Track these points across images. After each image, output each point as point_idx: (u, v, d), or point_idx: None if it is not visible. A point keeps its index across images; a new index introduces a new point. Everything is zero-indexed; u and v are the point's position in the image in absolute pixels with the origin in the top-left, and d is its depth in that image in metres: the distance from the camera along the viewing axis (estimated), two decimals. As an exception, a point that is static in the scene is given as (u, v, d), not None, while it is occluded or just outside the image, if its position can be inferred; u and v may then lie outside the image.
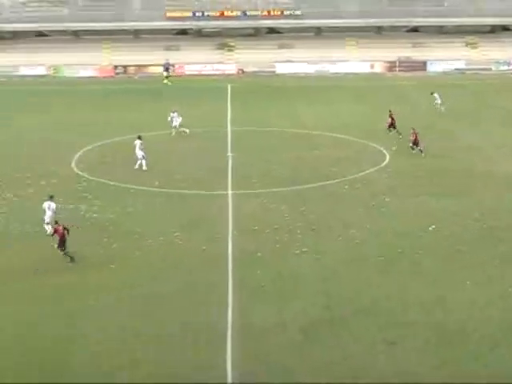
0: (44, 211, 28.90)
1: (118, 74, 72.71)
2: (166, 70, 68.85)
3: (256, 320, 22.02)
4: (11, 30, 75.77)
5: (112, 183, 35.93)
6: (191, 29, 75.26)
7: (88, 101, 59.03)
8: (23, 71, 72.24)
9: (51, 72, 72.13)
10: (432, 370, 19.09)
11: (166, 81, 66.65)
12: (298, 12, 72.64)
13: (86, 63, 72.16)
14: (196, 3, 75.05)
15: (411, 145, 40.27)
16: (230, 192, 34.30)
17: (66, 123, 49.82)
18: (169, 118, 45.54)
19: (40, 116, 52.96)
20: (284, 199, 33.07)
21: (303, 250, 27.15)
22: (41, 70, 72.21)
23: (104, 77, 71.17)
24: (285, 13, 72.78)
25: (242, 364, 19.66)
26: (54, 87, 65.95)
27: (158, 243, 28.05)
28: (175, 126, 45.22)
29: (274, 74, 70.26)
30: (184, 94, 60.27)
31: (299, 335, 21.11)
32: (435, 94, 51.97)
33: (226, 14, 73.60)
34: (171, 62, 70.63)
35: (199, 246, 27.70)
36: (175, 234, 28.90)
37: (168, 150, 42.74)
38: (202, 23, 74.47)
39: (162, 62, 70.12)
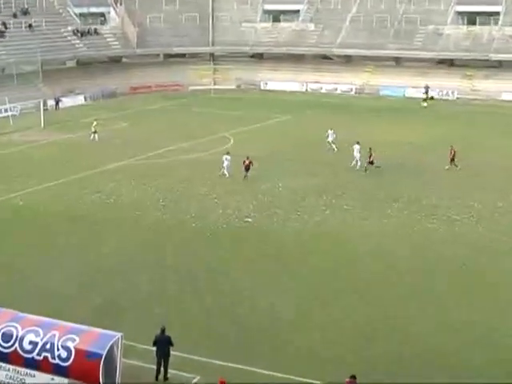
0: (223, 162, 41.23)
1: None
2: None
3: None
4: (498, 59, 76.21)
5: None
6: None
7: None
8: (504, 97, 72.46)
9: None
10: None
11: None
12: None
13: None
14: None
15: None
16: None
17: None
18: (326, 134, 49.08)
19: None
20: None
21: None
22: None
23: None
24: None
25: None
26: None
27: None
28: (329, 142, 48.52)
29: None
30: None
31: None
32: None
33: None
34: None
35: None
36: None
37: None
38: None
39: None
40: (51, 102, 70.34)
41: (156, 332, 20.20)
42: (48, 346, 18.71)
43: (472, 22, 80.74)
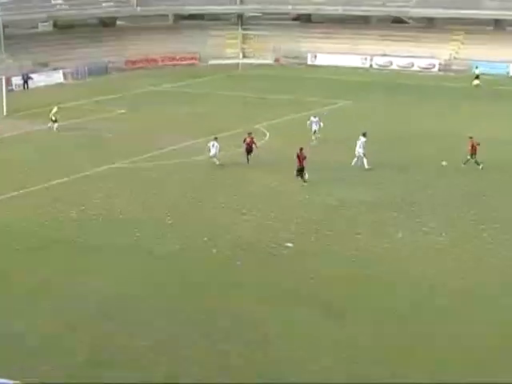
0: (208, 149, 45.04)
1: None
2: None
3: None
4: None
5: None
6: None
7: None
8: None
9: None
10: None
11: None
12: None
13: None
14: None
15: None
16: None
17: None
18: (308, 122, 51.90)
19: None
20: None
21: None
22: None
23: None
24: None
25: None
26: None
27: None
28: (314, 131, 51.45)
29: None
30: None
31: None
32: None
33: None
34: None
35: None
36: None
37: None
38: None
39: None
40: (18, 80, 70.99)
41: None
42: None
43: None
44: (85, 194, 40.97)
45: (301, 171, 42.05)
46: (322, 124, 51.60)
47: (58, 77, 75.34)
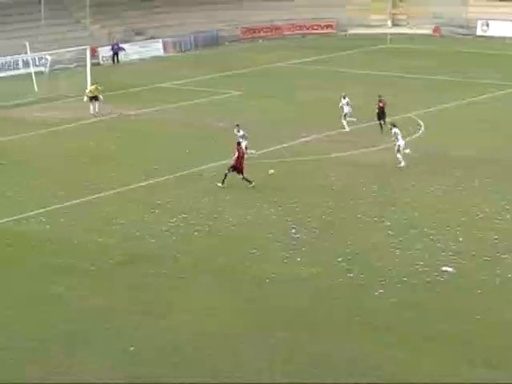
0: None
1: None
2: None
3: None
4: None
5: None
6: None
7: None
8: None
9: None
10: None
11: None
12: None
13: None
14: None
15: None
16: None
17: None
18: (340, 104, 54.03)
19: None
20: None
21: None
22: None
23: None
24: None
25: None
26: None
27: None
28: (344, 115, 53.55)
29: None
30: None
31: None
32: None
33: None
34: None
35: None
36: None
37: None
38: None
39: None
40: (106, 52, 72.29)
41: None
42: None
43: None
44: (187, 197, 41.49)
45: (235, 171, 42.47)
46: (352, 106, 53.33)
47: (156, 48, 76.22)
